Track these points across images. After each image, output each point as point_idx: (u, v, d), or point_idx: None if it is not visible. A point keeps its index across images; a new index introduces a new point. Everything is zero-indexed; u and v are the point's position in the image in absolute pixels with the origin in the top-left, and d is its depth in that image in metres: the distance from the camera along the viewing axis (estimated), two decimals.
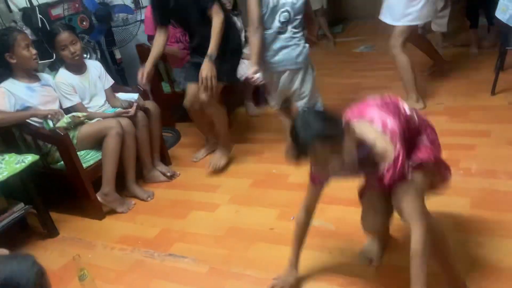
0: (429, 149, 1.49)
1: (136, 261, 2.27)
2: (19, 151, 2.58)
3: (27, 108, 2.62)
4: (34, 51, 2.61)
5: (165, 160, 3.19)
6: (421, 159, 1.45)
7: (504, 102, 3.02)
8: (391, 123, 1.40)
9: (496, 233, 1.91)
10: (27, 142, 2.68)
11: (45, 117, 2.57)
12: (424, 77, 3.65)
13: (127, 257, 2.32)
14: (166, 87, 3.75)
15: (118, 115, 2.77)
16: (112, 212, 2.73)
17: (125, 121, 2.72)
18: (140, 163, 2.94)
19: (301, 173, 1.66)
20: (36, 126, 2.60)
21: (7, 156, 2.48)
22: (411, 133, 1.47)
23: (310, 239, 1.93)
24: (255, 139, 3.37)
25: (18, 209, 2.48)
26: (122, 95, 3.01)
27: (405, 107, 1.49)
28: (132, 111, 2.79)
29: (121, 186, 2.79)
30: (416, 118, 1.51)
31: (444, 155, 2.52)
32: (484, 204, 2.10)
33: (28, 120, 2.59)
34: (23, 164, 2.40)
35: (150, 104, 2.97)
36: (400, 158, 1.35)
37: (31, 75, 2.71)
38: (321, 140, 1.31)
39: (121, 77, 3.61)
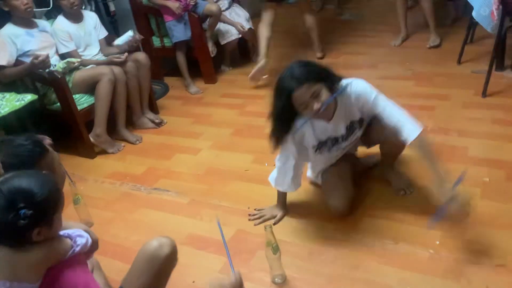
0: None
1: (124, 193, 2.54)
2: (17, 92, 2.78)
3: (26, 52, 2.82)
4: (25, 1, 2.73)
5: (154, 109, 3.43)
6: None
7: (467, 70, 3.28)
8: None
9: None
10: (25, 83, 2.89)
11: (42, 64, 2.69)
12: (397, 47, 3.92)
13: (116, 189, 2.60)
14: (156, 41, 3.91)
15: (110, 61, 2.99)
16: (103, 152, 2.99)
17: (117, 69, 2.94)
18: (130, 110, 3.17)
19: None
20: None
21: (7, 95, 2.70)
22: None
23: None
24: (239, 95, 3.61)
25: None
26: (117, 40, 3.13)
27: None
28: (123, 57, 2.99)
29: (112, 131, 3.04)
30: None
31: None
32: None
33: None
34: (22, 102, 2.63)
35: (140, 55, 3.18)
36: None
37: (29, 21, 2.89)
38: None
39: (114, 29, 3.76)
